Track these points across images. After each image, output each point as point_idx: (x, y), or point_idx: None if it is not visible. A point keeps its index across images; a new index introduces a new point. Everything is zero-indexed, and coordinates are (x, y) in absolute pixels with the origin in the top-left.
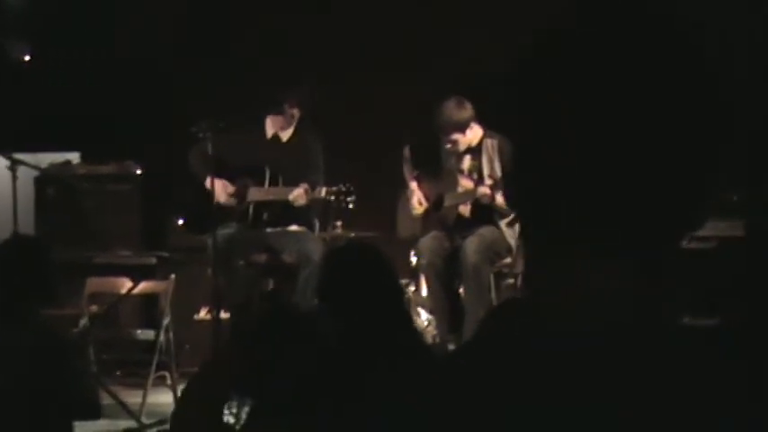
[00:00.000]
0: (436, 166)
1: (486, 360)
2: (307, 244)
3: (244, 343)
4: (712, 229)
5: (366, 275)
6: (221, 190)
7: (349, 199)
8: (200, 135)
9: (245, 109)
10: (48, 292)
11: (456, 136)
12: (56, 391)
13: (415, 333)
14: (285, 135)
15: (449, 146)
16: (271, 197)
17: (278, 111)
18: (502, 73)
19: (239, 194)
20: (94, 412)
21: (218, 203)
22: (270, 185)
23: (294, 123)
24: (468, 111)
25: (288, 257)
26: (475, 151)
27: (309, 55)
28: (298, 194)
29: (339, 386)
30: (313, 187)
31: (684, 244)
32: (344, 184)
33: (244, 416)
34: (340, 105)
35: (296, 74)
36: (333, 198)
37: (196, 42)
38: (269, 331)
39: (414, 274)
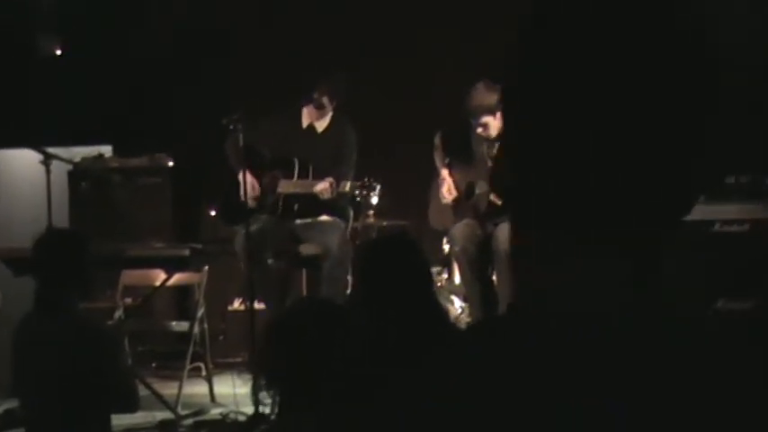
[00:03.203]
0: (467, 154)
1: (473, 365)
2: (327, 235)
3: (279, 336)
4: (745, 211)
5: (401, 267)
6: (250, 191)
7: (372, 193)
8: (231, 127)
9: (278, 99)
10: (85, 284)
11: (486, 119)
12: (93, 383)
13: (448, 323)
14: (320, 126)
15: (480, 130)
16: (298, 190)
17: (310, 100)
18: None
19: (270, 186)
20: (132, 405)
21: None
22: (299, 177)
23: (328, 113)
24: (498, 94)
25: (313, 248)
26: None
27: (339, 44)
28: (322, 188)
29: (371, 378)
30: (338, 181)
31: (716, 227)
32: (368, 179)
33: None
34: (371, 94)
35: (326, 63)
36: (357, 192)
37: (227, 32)
38: (303, 324)
39: (446, 262)
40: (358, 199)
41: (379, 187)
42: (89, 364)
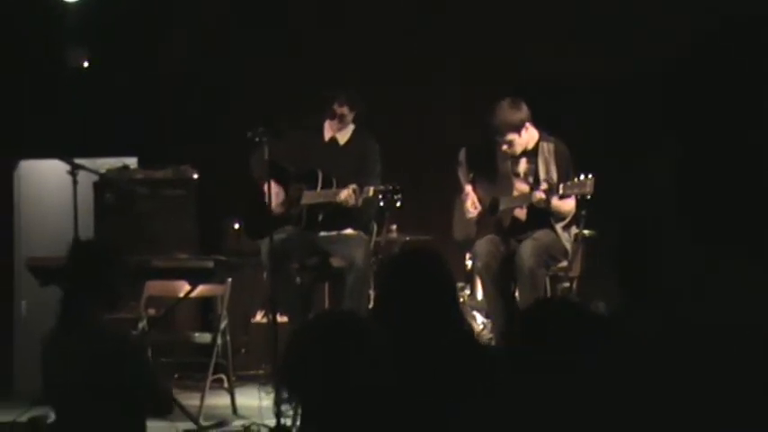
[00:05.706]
0: (492, 170)
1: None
2: (352, 248)
3: (300, 348)
4: None
5: (425, 281)
6: (275, 199)
7: (396, 197)
8: (257, 140)
9: (300, 113)
10: (113, 295)
11: (512, 136)
12: (125, 391)
13: (472, 338)
14: (342, 138)
15: (505, 147)
16: (321, 199)
17: (331, 114)
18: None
19: (294, 199)
20: (167, 407)
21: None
22: (323, 188)
23: (349, 125)
24: (523, 111)
25: (336, 261)
26: (531, 154)
27: (363, 60)
28: (346, 195)
29: (389, 395)
30: (362, 187)
31: None
32: (392, 184)
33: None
34: (397, 108)
35: (349, 78)
36: (381, 197)
37: (253, 47)
38: (324, 337)
39: (469, 278)
40: (382, 203)
41: (401, 194)
42: (118, 373)
